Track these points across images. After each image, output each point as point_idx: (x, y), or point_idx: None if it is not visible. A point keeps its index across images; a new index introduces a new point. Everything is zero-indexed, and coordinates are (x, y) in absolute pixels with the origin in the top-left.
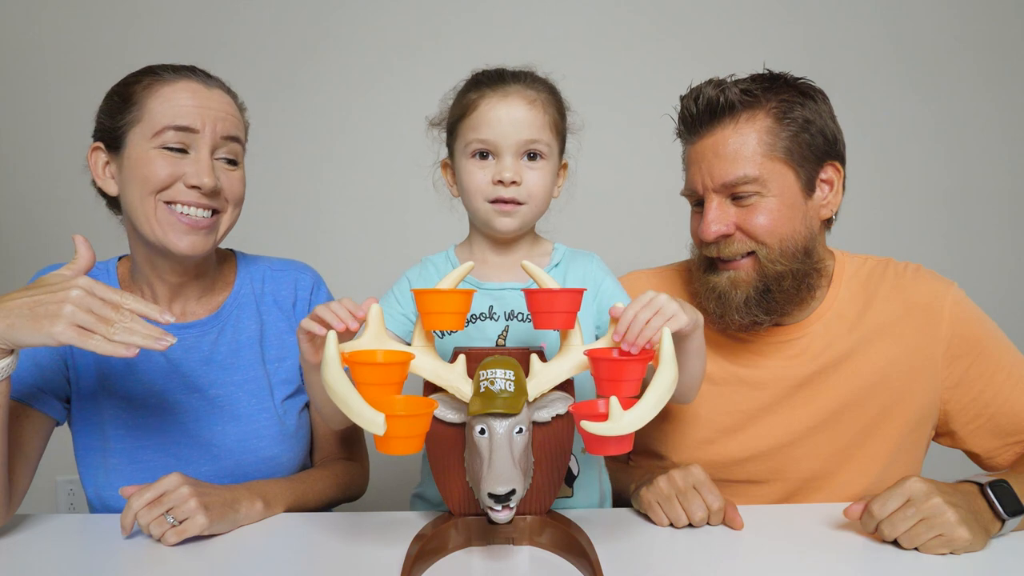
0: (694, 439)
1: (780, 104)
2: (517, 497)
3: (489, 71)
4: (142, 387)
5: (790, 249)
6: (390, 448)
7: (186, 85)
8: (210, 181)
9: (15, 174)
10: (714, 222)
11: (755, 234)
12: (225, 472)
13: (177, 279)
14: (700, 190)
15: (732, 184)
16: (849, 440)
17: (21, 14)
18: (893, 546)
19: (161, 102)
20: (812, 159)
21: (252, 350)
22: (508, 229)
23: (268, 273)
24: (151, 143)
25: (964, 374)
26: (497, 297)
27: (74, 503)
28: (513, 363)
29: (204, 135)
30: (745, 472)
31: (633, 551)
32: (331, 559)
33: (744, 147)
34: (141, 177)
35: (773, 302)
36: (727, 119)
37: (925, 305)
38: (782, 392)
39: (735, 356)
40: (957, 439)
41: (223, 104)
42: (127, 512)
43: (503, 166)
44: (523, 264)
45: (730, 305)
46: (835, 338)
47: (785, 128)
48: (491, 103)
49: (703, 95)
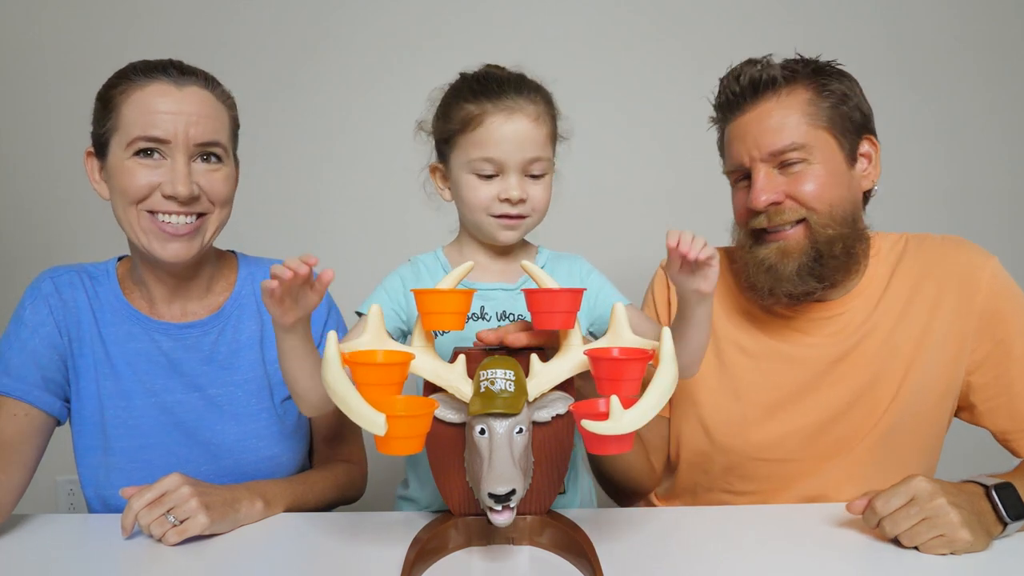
0: (734, 417)
1: (818, 79)
2: (517, 497)
3: (481, 78)
4: (143, 387)
5: (839, 214)
6: (391, 448)
7: (157, 88)
8: (184, 190)
9: (15, 174)
10: (763, 191)
11: (805, 200)
12: (224, 471)
13: (173, 280)
14: (746, 162)
15: (780, 152)
16: (882, 414)
17: (21, 14)
18: (894, 544)
19: (133, 110)
20: (852, 131)
21: (252, 350)
22: (511, 241)
23: (269, 274)
24: (126, 153)
25: (992, 349)
26: (488, 298)
27: (74, 503)
28: (513, 363)
29: (177, 144)
30: (782, 451)
31: (633, 551)
32: (331, 559)
33: (789, 117)
34: (120, 188)
35: (825, 268)
36: (770, 93)
37: (961, 274)
38: (822, 368)
39: (775, 332)
40: (976, 414)
41: (198, 105)
42: (127, 513)
43: (509, 184)
44: (523, 264)
45: (781, 276)
46: (872, 312)
47: (825, 99)
48: (496, 121)
49: (744, 73)
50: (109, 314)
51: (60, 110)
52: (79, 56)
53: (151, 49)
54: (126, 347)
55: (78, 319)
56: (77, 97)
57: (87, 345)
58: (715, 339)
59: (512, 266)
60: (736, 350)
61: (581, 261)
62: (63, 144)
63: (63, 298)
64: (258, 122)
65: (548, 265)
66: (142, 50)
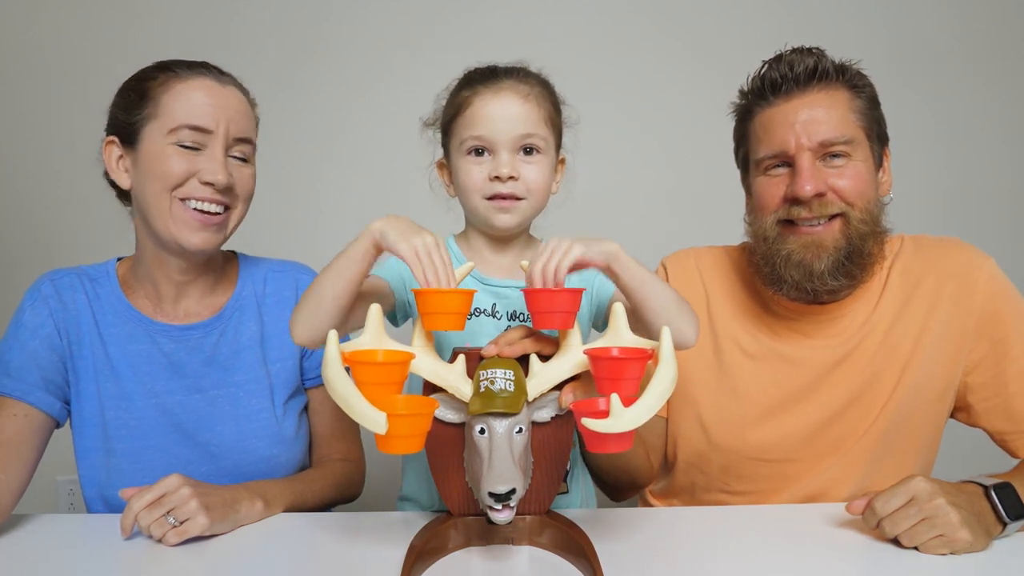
0: (733, 417)
1: (857, 81)
2: (517, 496)
3: (481, 68)
4: (144, 388)
5: (873, 213)
6: (391, 447)
7: (201, 83)
8: (223, 178)
9: (15, 174)
10: (810, 180)
11: (847, 195)
12: (223, 472)
13: (183, 277)
14: (792, 149)
15: (830, 143)
16: (879, 413)
17: (21, 14)
18: (893, 544)
19: (176, 99)
20: (879, 137)
21: (253, 351)
22: (507, 226)
23: (270, 275)
24: (167, 139)
25: (990, 350)
26: (501, 296)
27: (74, 503)
28: (513, 363)
29: (218, 134)
30: (781, 452)
31: (633, 551)
32: (331, 559)
33: (837, 110)
34: (157, 173)
35: (855, 267)
36: (822, 84)
37: (959, 275)
38: (823, 370)
39: (778, 333)
40: (973, 415)
41: (237, 103)
42: (127, 514)
43: (500, 162)
44: (522, 265)
45: (811, 272)
46: (871, 314)
47: (863, 101)
48: (484, 99)
49: (801, 61)
50: (110, 315)
51: (60, 110)
52: (79, 56)
53: (151, 49)
54: (127, 348)
55: (78, 321)
56: (77, 97)
57: (87, 347)
58: (716, 338)
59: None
60: (737, 350)
61: None
62: (63, 144)
63: (63, 300)
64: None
65: None
66: (142, 50)
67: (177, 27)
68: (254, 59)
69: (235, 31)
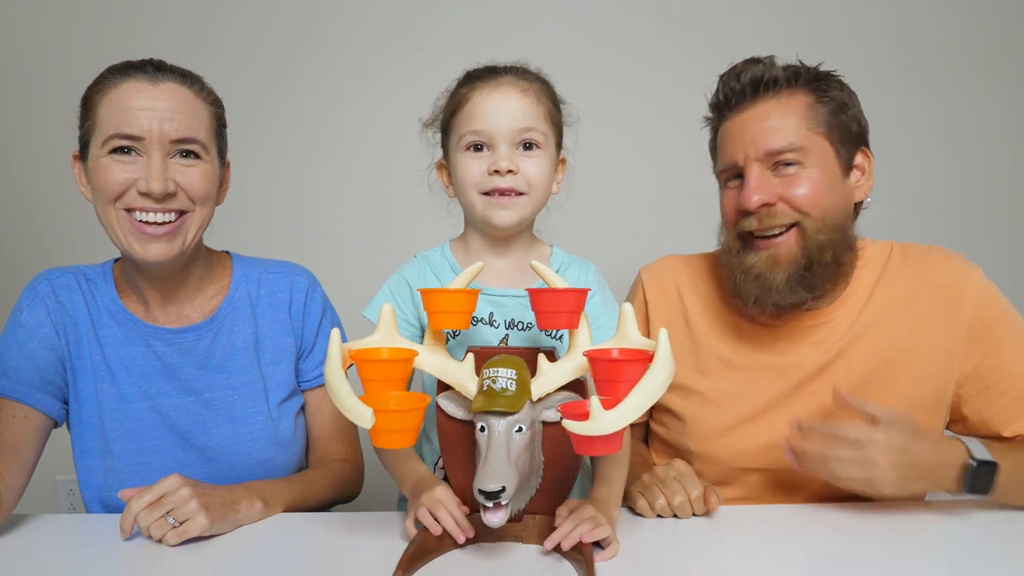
0: (716, 427)
1: (819, 85)
2: (508, 495)
3: (480, 67)
4: (139, 390)
5: (832, 221)
6: (380, 441)
7: (131, 86)
8: (159, 187)
9: (15, 174)
10: (756, 190)
11: (798, 204)
12: (220, 475)
13: (164, 283)
14: (740, 161)
15: (776, 152)
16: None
17: (21, 14)
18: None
19: (108, 108)
20: (849, 140)
21: (247, 353)
22: (506, 223)
23: (264, 276)
24: (103, 151)
25: (982, 360)
26: (497, 304)
27: (74, 503)
28: (518, 362)
29: (152, 140)
30: (765, 460)
31: (632, 551)
32: (331, 559)
33: (788, 118)
34: (97, 185)
35: (815, 278)
36: (771, 93)
37: (947, 286)
38: (804, 377)
39: (759, 343)
40: (968, 426)
41: (174, 101)
42: (127, 515)
43: (498, 155)
44: (532, 264)
45: (770, 286)
46: (856, 320)
47: (824, 106)
48: (483, 95)
49: (747, 71)
50: (106, 317)
51: (60, 110)
52: (79, 56)
53: (151, 49)
54: (122, 351)
55: (75, 321)
56: (77, 97)
57: (84, 347)
58: (697, 351)
59: (521, 268)
60: (718, 363)
61: (592, 271)
62: (63, 144)
63: (60, 300)
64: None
65: (560, 269)
66: (142, 50)
67: (176, 27)
68: (252, 59)
69: (234, 31)
